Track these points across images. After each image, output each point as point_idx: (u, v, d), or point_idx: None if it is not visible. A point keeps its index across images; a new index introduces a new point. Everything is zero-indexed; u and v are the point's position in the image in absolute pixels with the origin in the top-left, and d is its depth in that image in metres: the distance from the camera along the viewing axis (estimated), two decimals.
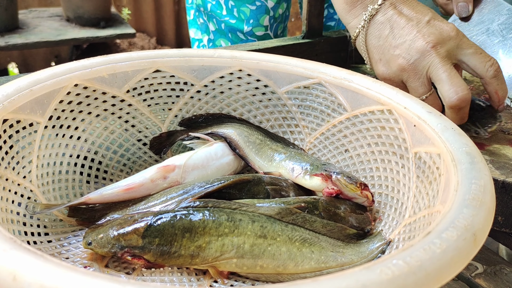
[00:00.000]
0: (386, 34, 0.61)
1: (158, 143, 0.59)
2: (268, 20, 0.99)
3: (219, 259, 0.43)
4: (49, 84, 0.50)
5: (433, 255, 0.30)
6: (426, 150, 0.46)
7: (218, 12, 0.99)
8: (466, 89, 0.57)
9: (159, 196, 0.50)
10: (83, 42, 2.47)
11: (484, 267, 0.53)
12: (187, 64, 0.58)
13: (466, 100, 0.57)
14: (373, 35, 0.63)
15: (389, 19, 0.61)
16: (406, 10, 0.61)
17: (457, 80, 0.57)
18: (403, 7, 0.61)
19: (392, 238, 0.46)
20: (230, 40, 1.02)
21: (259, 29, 1.00)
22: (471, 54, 0.59)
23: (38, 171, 0.49)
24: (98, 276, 0.27)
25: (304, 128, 0.61)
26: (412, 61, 0.59)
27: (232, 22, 0.99)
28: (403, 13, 0.61)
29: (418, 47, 0.59)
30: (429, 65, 0.59)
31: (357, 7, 0.64)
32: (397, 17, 0.61)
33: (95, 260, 0.45)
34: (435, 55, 0.58)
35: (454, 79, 0.57)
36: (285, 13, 1.04)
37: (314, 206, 0.49)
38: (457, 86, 0.57)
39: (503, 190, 0.53)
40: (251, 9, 0.98)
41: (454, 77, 0.58)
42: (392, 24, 0.61)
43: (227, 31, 1.01)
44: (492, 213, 0.35)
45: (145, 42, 3.05)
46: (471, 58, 0.59)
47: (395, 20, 0.61)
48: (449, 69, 0.58)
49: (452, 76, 0.58)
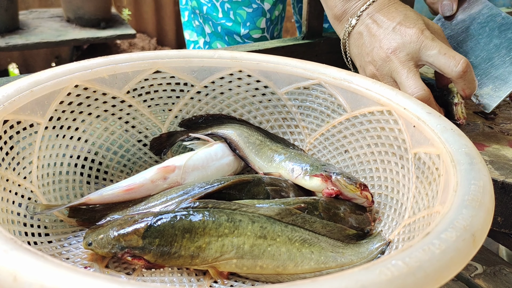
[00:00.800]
0: (362, 43, 0.65)
1: (158, 143, 0.60)
2: (265, 23, 1.00)
3: (219, 260, 0.43)
4: (50, 85, 0.50)
5: (432, 256, 0.30)
6: (426, 150, 0.46)
7: (214, 15, 0.99)
8: (422, 89, 0.59)
9: (159, 196, 0.50)
10: (84, 43, 2.47)
11: (483, 267, 0.53)
12: (187, 65, 0.59)
13: (424, 99, 0.58)
14: (354, 44, 0.67)
15: (365, 28, 0.65)
16: (380, 17, 0.64)
17: (413, 81, 0.59)
18: (378, 15, 0.64)
19: (391, 239, 0.46)
20: (227, 43, 1.02)
21: (256, 31, 1.00)
22: (435, 55, 0.60)
23: (38, 172, 0.49)
24: (99, 276, 0.27)
25: (304, 129, 0.61)
26: (377, 67, 0.63)
27: (229, 25, 0.99)
28: (376, 21, 0.64)
29: (381, 53, 0.62)
30: (391, 70, 0.62)
31: (342, 20, 0.68)
32: (372, 25, 0.64)
33: (96, 261, 0.45)
34: (394, 59, 0.61)
35: (410, 81, 0.59)
36: (281, 15, 1.04)
37: (314, 206, 0.49)
38: (413, 87, 0.59)
39: (503, 190, 0.53)
40: (247, 11, 0.98)
41: (411, 79, 0.59)
42: (367, 32, 0.65)
43: (223, 34, 1.01)
44: (491, 214, 0.35)
45: (145, 43, 3.05)
46: (436, 59, 0.60)
47: (369, 29, 0.64)
48: (407, 71, 0.60)
49: (409, 77, 0.60)
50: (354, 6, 0.66)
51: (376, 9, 0.65)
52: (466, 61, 0.59)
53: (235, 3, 0.97)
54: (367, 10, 0.65)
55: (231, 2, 0.97)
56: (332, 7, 0.69)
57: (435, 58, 0.60)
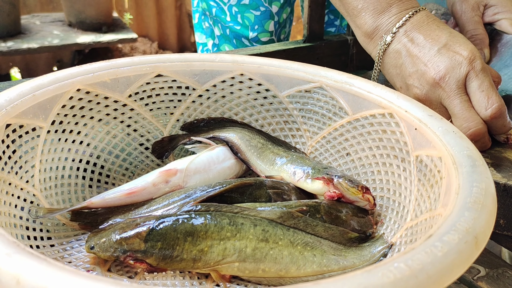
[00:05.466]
0: (401, 63, 0.61)
1: (160, 147, 0.60)
2: (273, 26, 0.99)
3: (221, 263, 0.43)
4: (52, 89, 0.50)
5: (435, 258, 0.30)
6: (427, 153, 0.46)
7: (222, 18, 0.99)
8: (479, 124, 0.56)
9: (161, 200, 0.50)
10: (85, 47, 2.48)
11: (486, 270, 0.53)
12: (189, 69, 0.59)
13: (479, 135, 0.56)
14: (391, 64, 0.63)
15: (403, 47, 0.61)
16: (420, 37, 0.60)
17: (468, 114, 0.56)
18: (416, 34, 0.60)
19: (394, 241, 0.46)
20: (235, 46, 1.02)
21: (264, 34, 0.99)
22: (474, 88, 0.57)
23: (40, 175, 0.49)
24: (101, 280, 0.27)
25: (306, 132, 0.61)
26: (424, 92, 0.59)
27: (237, 28, 0.99)
28: (415, 41, 0.60)
29: (428, 78, 0.58)
30: (440, 97, 0.58)
31: (374, 38, 0.64)
32: (410, 45, 0.60)
33: (98, 264, 0.45)
34: (444, 87, 0.57)
35: (465, 113, 0.56)
36: (289, 18, 1.04)
37: (315, 209, 0.49)
38: (469, 121, 0.56)
39: (505, 193, 0.53)
40: (255, 14, 0.97)
41: (466, 111, 0.56)
42: (406, 52, 0.60)
43: (232, 37, 1.01)
44: (493, 216, 0.35)
45: (147, 47, 3.06)
46: (473, 93, 0.57)
47: (407, 49, 0.60)
48: (460, 102, 0.57)
49: (464, 109, 0.56)
50: (387, 22, 0.62)
51: (415, 26, 0.60)
52: (499, 107, 0.56)
53: (242, 6, 0.97)
54: (404, 27, 0.61)
55: (239, 5, 0.97)
56: (361, 25, 0.64)
57: (472, 91, 0.57)
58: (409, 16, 0.61)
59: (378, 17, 0.62)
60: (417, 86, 0.60)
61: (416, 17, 0.61)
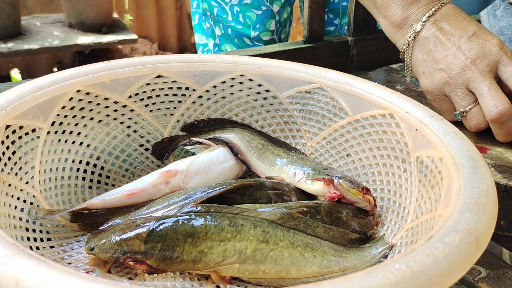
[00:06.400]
0: (430, 49, 0.63)
1: (160, 148, 0.60)
2: (275, 25, 1.00)
3: (221, 264, 0.43)
4: (52, 90, 0.50)
5: (436, 260, 0.30)
6: (428, 154, 0.46)
7: (224, 17, 1.00)
8: (507, 103, 0.57)
9: (161, 201, 0.50)
10: (86, 48, 2.48)
11: (487, 271, 0.53)
12: (189, 70, 0.59)
13: (506, 114, 0.57)
14: (419, 49, 0.65)
15: (432, 35, 0.63)
16: (448, 26, 0.63)
17: (497, 94, 0.58)
18: (445, 23, 0.63)
19: (394, 243, 0.46)
20: (236, 46, 1.02)
21: (266, 34, 1.00)
22: (510, 74, 0.59)
23: (40, 176, 0.49)
24: (101, 281, 0.27)
25: (306, 132, 0.61)
26: (452, 75, 0.61)
27: (239, 28, 0.99)
28: (444, 30, 0.63)
29: (458, 62, 0.60)
30: (469, 79, 0.60)
31: (402, 27, 0.67)
32: (439, 33, 0.63)
33: (98, 266, 0.45)
34: (474, 69, 0.59)
35: (494, 93, 0.58)
36: (289, 17, 1.04)
37: (316, 210, 0.49)
38: (497, 100, 0.57)
39: (506, 194, 0.52)
40: (257, 14, 0.98)
41: (494, 91, 0.58)
42: (435, 39, 0.63)
43: (233, 36, 1.01)
44: (494, 217, 0.35)
45: (147, 48, 3.06)
46: (509, 77, 0.59)
47: (437, 36, 0.63)
48: (489, 83, 0.58)
49: (492, 90, 0.58)
50: (417, 12, 0.65)
51: (443, 16, 0.63)
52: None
53: (244, 6, 0.97)
54: (433, 17, 0.64)
55: (240, 5, 0.97)
56: (390, 16, 0.67)
57: (509, 75, 0.59)
58: (438, 7, 0.64)
59: (407, 7, 0.65)
60: (445, 70, 0.61)
61: (444, 8, 0.64)
